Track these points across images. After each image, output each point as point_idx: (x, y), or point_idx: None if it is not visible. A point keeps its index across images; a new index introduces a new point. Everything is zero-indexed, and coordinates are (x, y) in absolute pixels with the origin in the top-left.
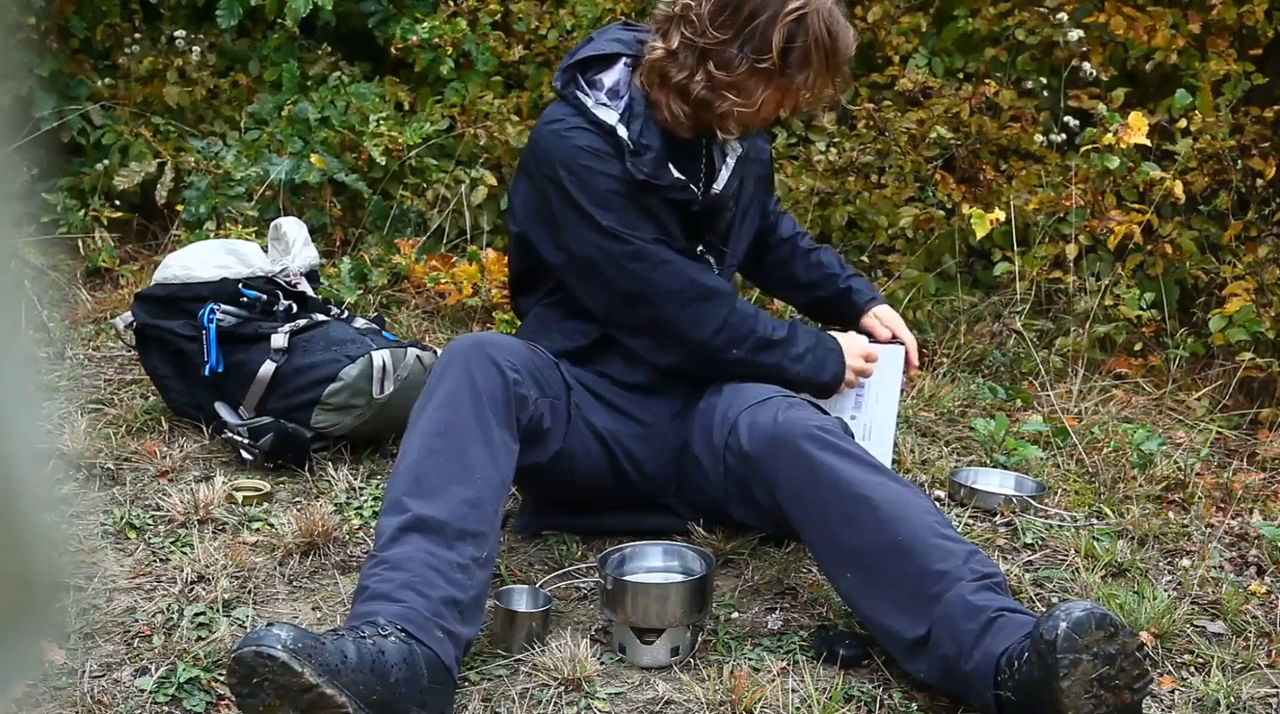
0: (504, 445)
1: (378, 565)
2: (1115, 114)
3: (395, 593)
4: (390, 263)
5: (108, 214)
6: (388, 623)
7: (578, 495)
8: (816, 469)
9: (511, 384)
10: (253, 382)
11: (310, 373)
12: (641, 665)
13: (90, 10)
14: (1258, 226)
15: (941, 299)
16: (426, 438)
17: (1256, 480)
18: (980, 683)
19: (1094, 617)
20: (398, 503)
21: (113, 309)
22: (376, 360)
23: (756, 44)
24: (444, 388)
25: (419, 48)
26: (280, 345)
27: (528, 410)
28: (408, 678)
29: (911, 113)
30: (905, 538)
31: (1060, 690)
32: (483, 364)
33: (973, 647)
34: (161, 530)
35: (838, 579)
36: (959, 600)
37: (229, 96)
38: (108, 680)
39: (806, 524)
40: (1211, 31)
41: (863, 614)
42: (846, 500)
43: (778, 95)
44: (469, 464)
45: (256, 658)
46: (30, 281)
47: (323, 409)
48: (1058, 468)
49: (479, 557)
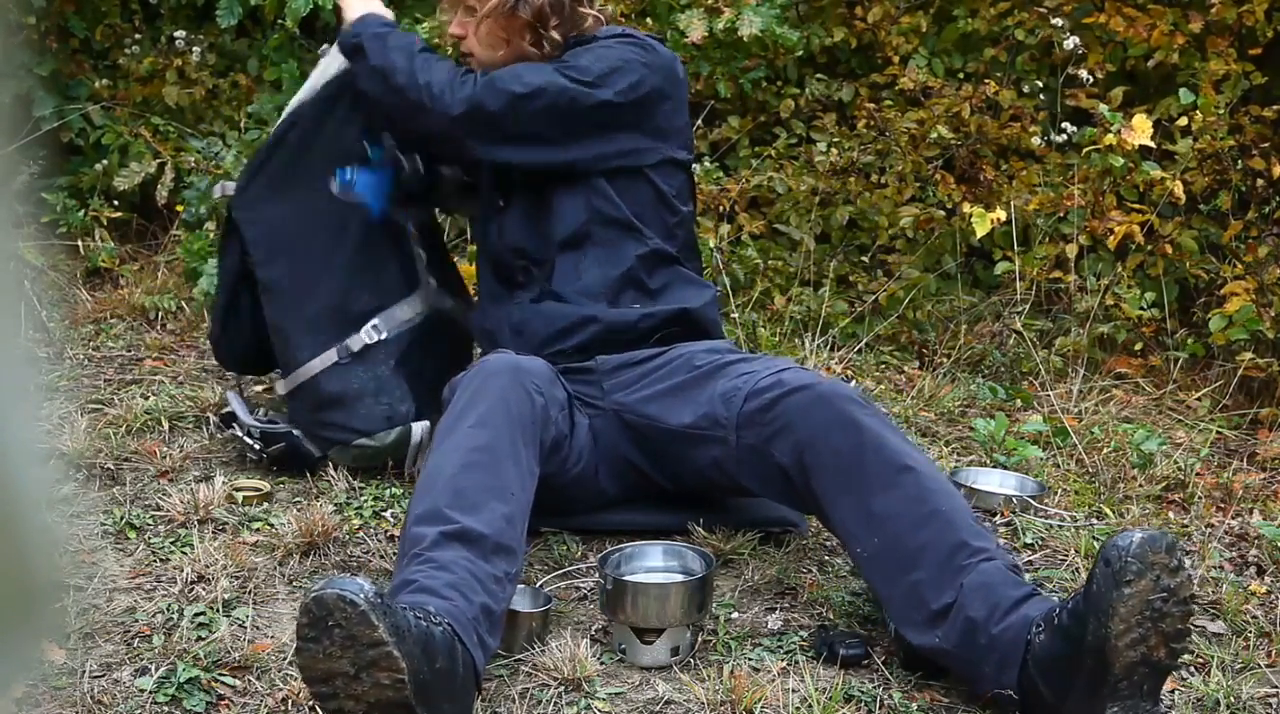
0: (529, 468)
1: (424, 563)
2: (1117, 115)
3: (443, 590)
4: None
5: (107, 214)
6: (437, 613)
7: (572, 498)
8: (862, 432)
9: (539, 408)
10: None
11: (345, 412)
12: (641, 665)
13: (90, 10)
14: (1258, 226)
15: (942, 299)
16: (464, 452)
17: (1256, 480)
18: (1007, 643)
19: (1166, 540)
20: (438, 513)
21: (113, 308)
22: (415, 434)
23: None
24: (480, 406)
25: None
26: (355, 349)
27: (550, 431)
28: (448, 669)
29: (911, 113)
30: (945, 510)
31: (1120, 598)
32: (516, 387)
33: (1008, 610)
34: (161, 530)
35: (862, 543)
36: (997, 570)
37: (229, 96)
38: (108, 680)
39: (837, 485)
40: (1211, 31)
41: (882, 581)
42: (889, 466)
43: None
44: (505, 482)
45: (339, 600)
46: (30, 281)
47: (343, 450)
48: (1058, 468)
49: (511, 572)
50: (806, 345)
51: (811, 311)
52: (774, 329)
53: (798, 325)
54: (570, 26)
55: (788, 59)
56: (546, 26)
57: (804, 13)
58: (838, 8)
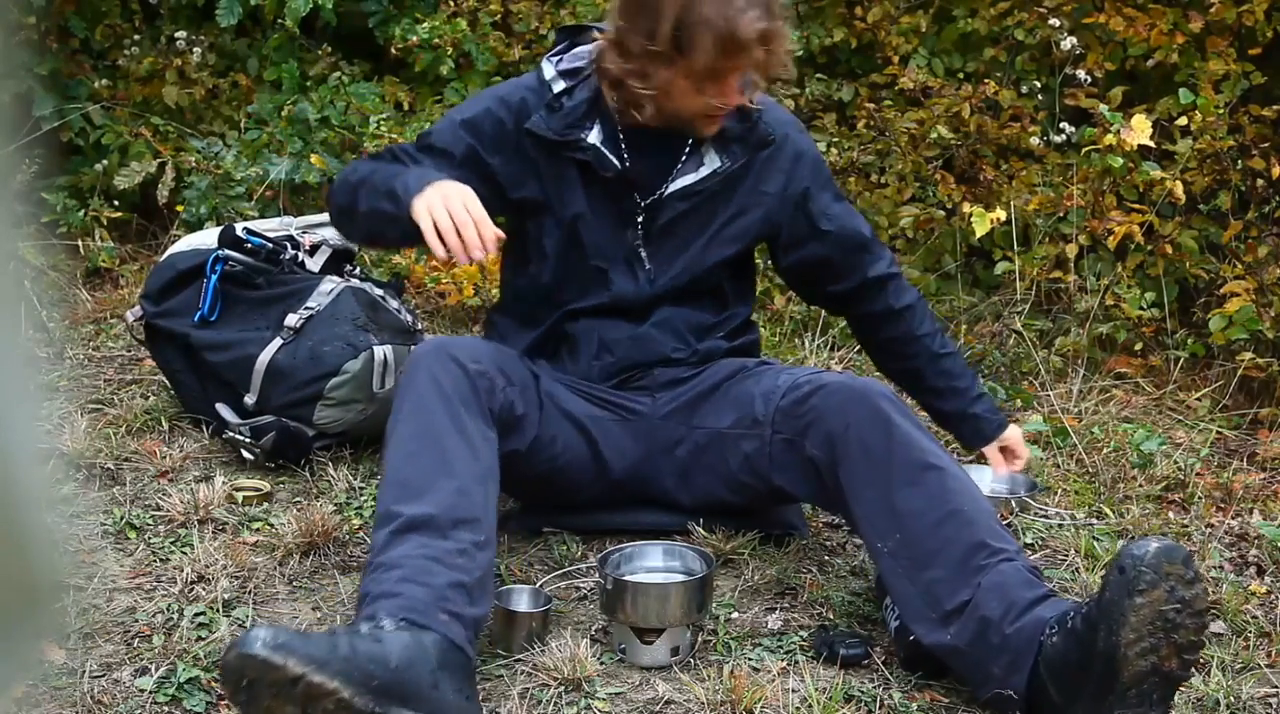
0: (480, 434)
1: (375, 570)
2: (1117, 114)
3: (394, 588)
4: (390, 263)
5: (107, 214)
6: (387, 616)
7: (566, 489)
8: (892, 429)
9: (475, 376)
10: (254, 365)
11: (312, 368)
12: (641, 665)
13: (90, 10)
14: (1258, 226)
15: (942, 299)
16: (403, 444)
17: (1256, 480)
18: (1020, 643)
19: (1181, 552)
20: (387, 513)
21: (113, 308)
22: (379, 355)
23: (648, 27)
24: (412, 395)
25: (419, 48)
26: (293, 324)
27: (497, 398)
28: (411, 661)
29: (911, 113)
30: (966, 510)
31: (1131, 607)
32: (444, 363)
33: (1023, 610)
34: (161, 530)
35: (883, 538)
36: (1015, 571)
37: (229, 96)
38: (108, 680)
39: (864, 478)
40: (1211, 31)
41: (898, 578)
42: (915, 463)
43: (684, 82)
44: (448, 458)
45: (240, 660)
46: (30, 281)
47: (325, 405)
48: (1058, 468)
49: (477, 540)
50: (806, 345)
51: (812, 311)
52: (774, 329)
53: (798, 325)
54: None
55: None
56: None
57: (804, 13)
58: (838, 8)
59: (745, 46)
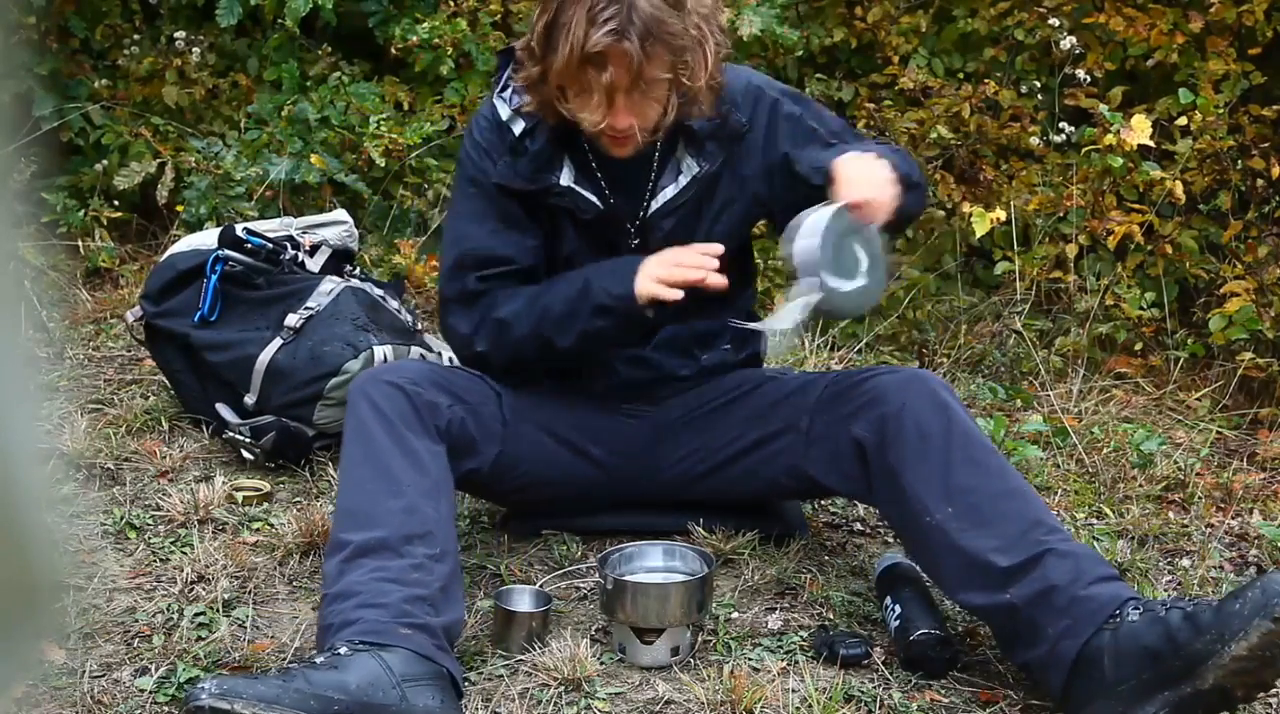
0: (426, 450)
1: (330, 603)
2: (1116, 114)
3: (350, 615)
4: (390, 263)
5: (107, 214)
6: (343, 643)
7: (556, 498)
8: (952, 416)
9: (413, 396)
10: (254, 365)
11: (312, 368)
12: (641, 665)
13: (90, 10)
14: (1258, 226)
15: (941, 299)
16: (348, 472)
17: (1256, 480)
18: (1086, 609)
19: None
20: (337, 542)
21: (113, 308)
22: (379, 355)
23: (533, 24)
24: (353, 423)
25: (419, 48)
26: (293, 324)
27: (443, 415)
28: (373, 680)
29: (911, 113)
30: (1027, 491)
31: (1257, 629)
32: (380, 388)
33: (1095, 580)
34: (161, 530)
35: (932, 511)
36: (1083, 546)
37: (229, 96)
38: (108, 680)
39: (918, 455)
40: (1211, 31)
41: (942, 548)
42: (975, 446)
43: (552, 87)
44: (394, 478)
45: (190, 711)
46: (30, 281)
47: (325, 405)
48: (1058, 468)
49: (432, 553)
50: (806, 345)
51: None
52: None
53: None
54: None
55: (787, 59)
56: None
57: (804, 13)
58: (838, 8)
59: (593, 60)
